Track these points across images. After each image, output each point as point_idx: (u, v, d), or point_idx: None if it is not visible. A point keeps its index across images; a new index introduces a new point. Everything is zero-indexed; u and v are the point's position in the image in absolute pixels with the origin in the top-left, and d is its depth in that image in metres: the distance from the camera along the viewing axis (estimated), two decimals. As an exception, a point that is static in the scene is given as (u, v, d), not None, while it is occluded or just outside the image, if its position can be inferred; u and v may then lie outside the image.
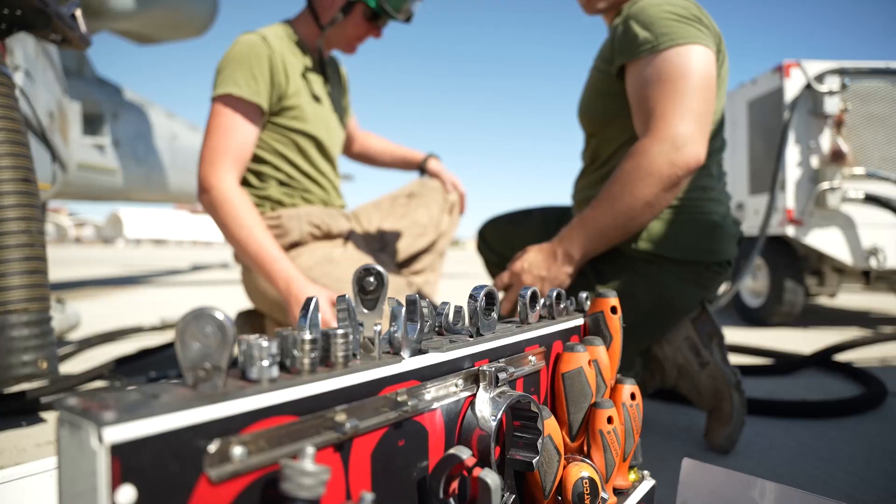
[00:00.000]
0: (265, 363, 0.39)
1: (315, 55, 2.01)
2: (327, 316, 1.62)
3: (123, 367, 2.18)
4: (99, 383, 1.96)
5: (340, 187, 2.19)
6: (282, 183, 1.94)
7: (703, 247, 1.42)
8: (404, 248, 2.12)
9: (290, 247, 1.89)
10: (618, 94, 1.45)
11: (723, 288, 3.08)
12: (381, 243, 2.10)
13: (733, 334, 3.40)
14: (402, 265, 2.15)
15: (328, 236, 1.98)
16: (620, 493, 0.77)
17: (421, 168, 2.39)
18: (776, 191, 3.34)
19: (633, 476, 0.81)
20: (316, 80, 2.02)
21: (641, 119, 1.35)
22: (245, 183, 1.94)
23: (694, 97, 1.29)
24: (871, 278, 3.76)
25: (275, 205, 1.94)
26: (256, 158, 1.92)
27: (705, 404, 1.44)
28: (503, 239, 1.88)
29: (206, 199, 1.74)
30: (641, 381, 1.57)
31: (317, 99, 2.00)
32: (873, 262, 3.37)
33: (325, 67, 2.07)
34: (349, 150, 2.43)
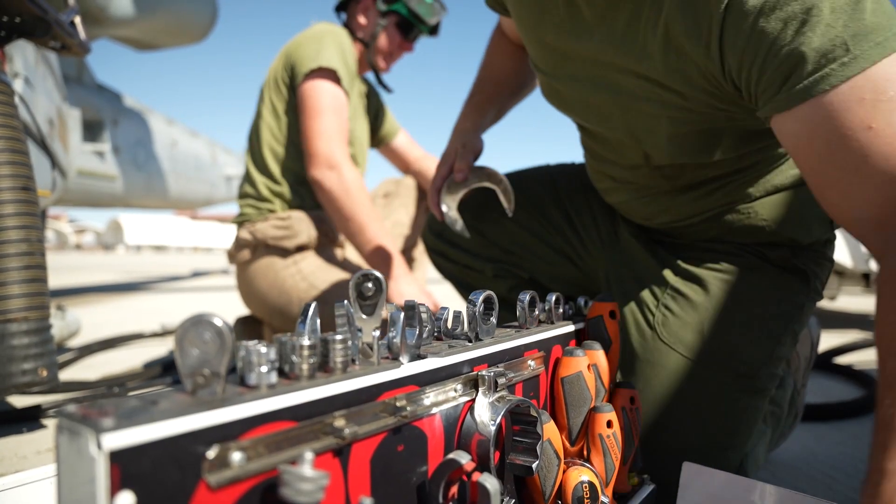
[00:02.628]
0: (264, 369, 0.39)
1: (361, 70, 2.09)
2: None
3: (172, 371, 2.19)
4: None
5: None
6: (300, 182, 1.95)
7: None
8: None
9: (297, 249, 1.89)
10: (739, 135, 0.91)
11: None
12: None
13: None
14: None
15: (332, 242, 1.99)
16: (620, 498, 0.78)
17: None
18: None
19: (633, 480, 0.81)
20: (360, 93, 2.08)
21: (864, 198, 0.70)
22: (266, 171, 1.96)
23: None
24: (871, 281, 3.76)
25: (284, 204, 1.96)
26: (280, 152, 1.94)
27: (794, 415, 1.30)
28: (472, 230, 1.35)
29: (331, 175, 1.77)
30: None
31: (359, 108, 2.07)
32: (873, 265, 3.37)
33: (369, 84, 2.16)
34: (400, 163, 2.45)
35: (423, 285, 2.31)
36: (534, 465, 0.61)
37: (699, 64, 0.80)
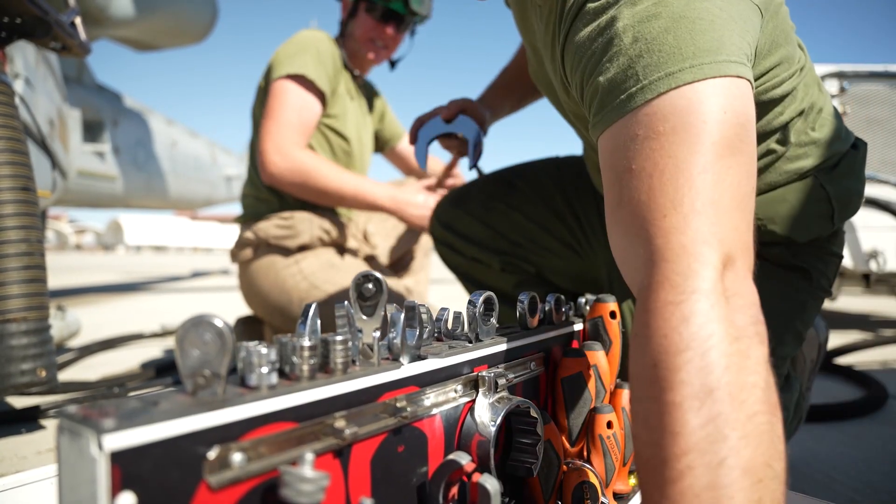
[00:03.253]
0: (264, 370, 0.39)
1: (353, 72, 2.08)
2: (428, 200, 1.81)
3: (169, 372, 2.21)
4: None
5: None
6: None
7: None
8: (391, 250, 2.14)
9: (298, 249, 1.89)
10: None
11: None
12: (370, 248, 2.11)
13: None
14: (391, 267, 2.17)
15: (334, 243, 1.99)
16: (620, 498, 0.77)
17: None
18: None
19: (633, 481, 0.81)
20: (354, 93, 2.07)
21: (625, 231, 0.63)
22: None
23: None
24: (871, 281, 3.76)
25: (284, 202, 1.96)
26: None
27: (799, 413, 1.25)
28: (480, 221, 1.38)
29: (280, 164, 1.79)
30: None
31: (354, 109, 2.06)
32: (873, 266, 3.36)
33: (363, 86, 2.14)
34: (405, 167, 2.45)
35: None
36: (534, 466, 0.61)
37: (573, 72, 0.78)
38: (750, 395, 0.50)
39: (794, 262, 1.01)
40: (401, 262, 2.23)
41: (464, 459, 0.53)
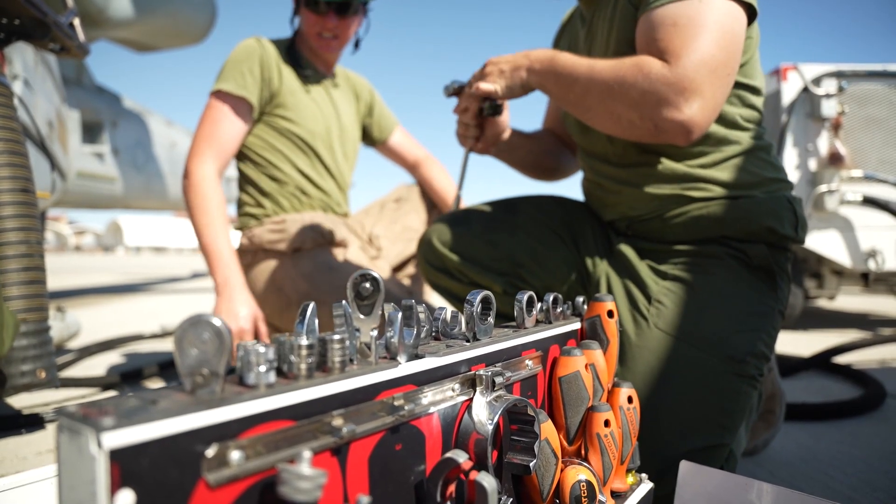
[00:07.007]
0: (262, 368, 0.39)
1: (305, 68, 2.04)
2: (243, 334, 1.67)
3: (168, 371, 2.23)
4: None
5: (348, 196, 2.21)
6: (277, 181, 1.97)
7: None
8: (398, 254, 2.13)
9: (293, 251, 1.89)
10: None
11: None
12: (375, 250, 2.11)
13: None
14: (397, 270, 2.16)
15: (330, 244, 1.98)
16: (618, 496, 0.78)
17: None
18: (774, 194, 3.33)
19: (630, 479, 0.82)
20: (316, 88, 2.04)
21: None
22: (250, 181, 2.01)
23: (714, 51, 1.03)
24: (869, 280, 3.77)
25: (275, 206, 1.96)
26: (255, 155, 1.95)
27: (759, 407, 1.33)
28: (483, 240, 1.42)
29: (185, 183, 1.83)
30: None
31: (317, 105, 2.02)
32: (872, 265, 3.37)
33: (333, 79, 2.12)
34: (400, 161, 2.37)
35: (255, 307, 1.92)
36: (531, 464, 0.61)
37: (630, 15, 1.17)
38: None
39: (769, 263, 1.15)
40: (407, 264, 2.22)
41: (461, 457, 0.54)
